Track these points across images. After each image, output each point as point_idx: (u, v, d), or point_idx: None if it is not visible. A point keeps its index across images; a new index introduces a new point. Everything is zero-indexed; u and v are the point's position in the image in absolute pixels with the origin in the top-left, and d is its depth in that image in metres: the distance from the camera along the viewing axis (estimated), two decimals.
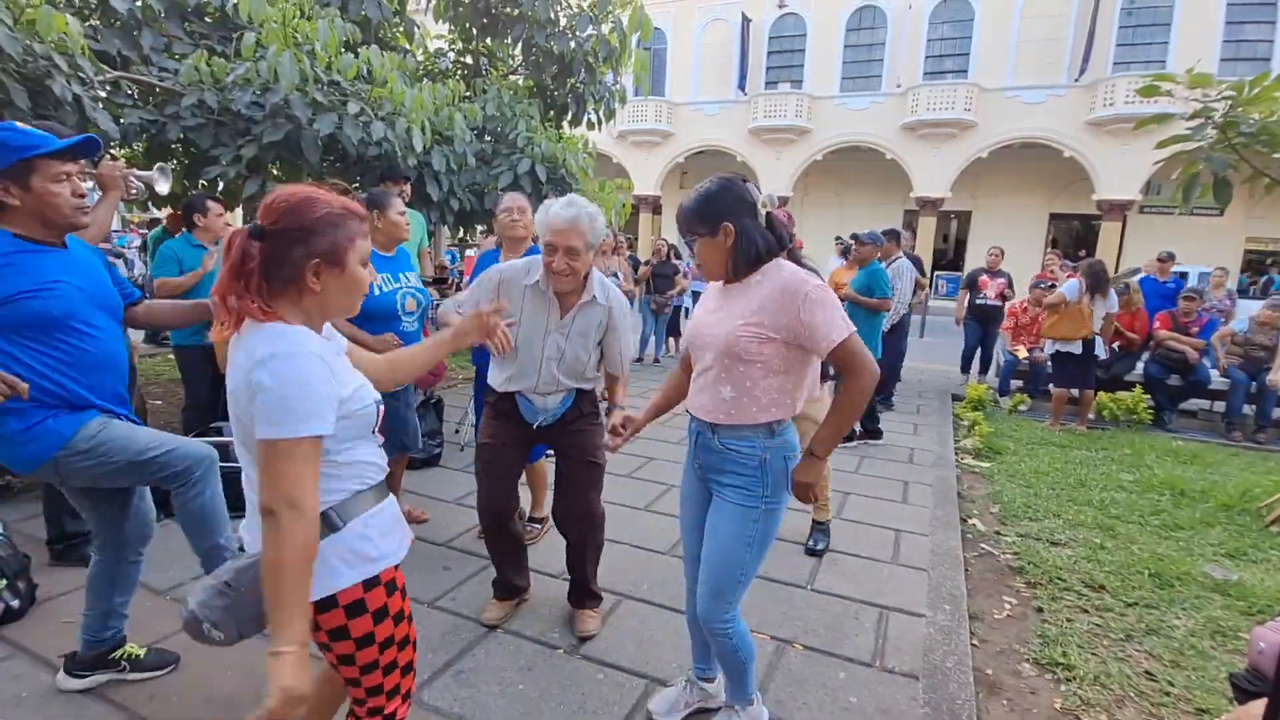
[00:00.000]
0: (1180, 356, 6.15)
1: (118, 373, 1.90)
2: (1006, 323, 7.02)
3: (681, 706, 2.01)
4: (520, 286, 2.21)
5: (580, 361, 2.28)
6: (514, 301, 2.20)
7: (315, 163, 4.06)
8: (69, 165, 1.75)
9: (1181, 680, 2.29)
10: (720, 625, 1.75)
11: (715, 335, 1.67)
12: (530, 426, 2.34)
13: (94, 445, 1.79)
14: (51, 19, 2.97)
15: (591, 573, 2.48)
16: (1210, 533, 3.61)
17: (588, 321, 2.25)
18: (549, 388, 2.28)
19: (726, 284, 1.74)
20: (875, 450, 4.96)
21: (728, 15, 20.43)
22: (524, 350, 2.24)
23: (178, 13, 4.55)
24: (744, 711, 1.91)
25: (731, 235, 1.64)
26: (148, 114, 4.05)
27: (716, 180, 1.69)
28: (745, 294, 1.67)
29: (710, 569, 1.74)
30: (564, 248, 2.06)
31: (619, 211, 6.34)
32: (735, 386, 1.67)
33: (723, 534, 1.72)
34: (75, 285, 1.78)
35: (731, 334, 1.63)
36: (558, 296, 2.20)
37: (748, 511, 1.69)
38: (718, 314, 1.71)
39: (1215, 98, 2.63)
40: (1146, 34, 16.83)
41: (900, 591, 2.83)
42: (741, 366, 1.64)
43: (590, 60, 6.27)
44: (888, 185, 20.04)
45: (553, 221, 2.07)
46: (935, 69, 18.86)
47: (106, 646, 2.02)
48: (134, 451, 1.84)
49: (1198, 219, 17.51)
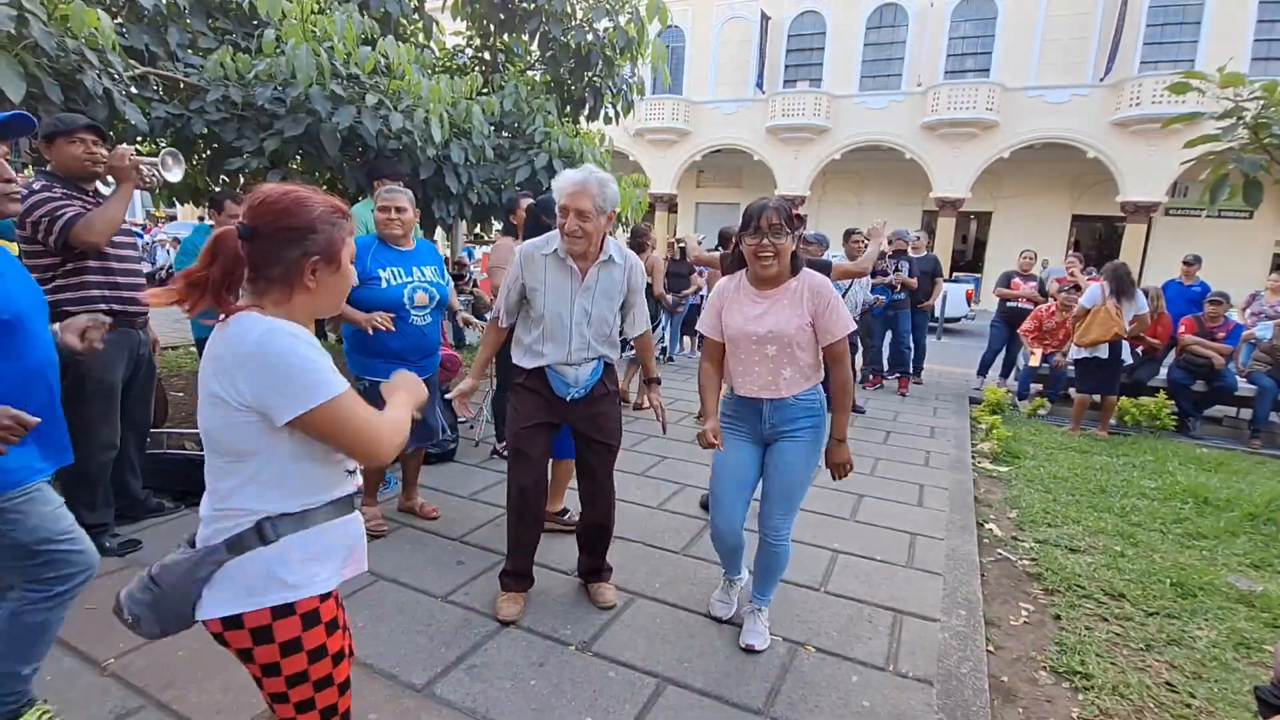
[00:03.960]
0: (1205, 362, 6.02)
1: (46, 388, 1.67)
2: (1028, 325, 6.92)
3: (733, 602, 2.54)
4: (540, 258, 2.33)
5: (606, 322, 2.42)
6: (536, 274, 2.33)
7: (335, 155, 4.10)
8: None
9: (1203, 692, 2.25)
10: (785, 534, 2.29)
11: (783, 332, 2.14)
12: (562, 400, 2.41)
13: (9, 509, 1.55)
14: (84, 15, 3.03)
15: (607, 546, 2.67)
16: (1235, 542, 3.53)
17: (610, 281, 2.38)
18: (580, 355, 2.38)
19: (761, 289, 2.21)
20: (891, 453, 4.91)
21: (746, 13, 20.33)
22: (552, 319, 2.33)
23: (203, 9, 4.62)
24: (765, 610, 2.42)
25: (795, 242, 2.16)
26: (174, 109, 4.11)
27: (785, 199, 2.24)
28: (789, 297, 2.17)
29: (783, 495, 2.27)
30: (574, 209, 2.19)
31: (635, 207, 6.33)
32: (793, 367, 2.19)
33: (797, 466, 2.25)
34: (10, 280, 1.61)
35: (795, 330, 2.14)
36: (575, 260, 2.30)
37: (815, 445, 2.27)
38: (772, 316, 2.17)
39: (1247, 97, 2.57)
40: (1175, 33, 16.51)
41: (915, 596, 2.80)
42: (799, 351, 2.17)
43: (608, 52, 6.26)
44: (907, 185, 19.85)
45: (563, 185, 2.21)
46: (957, 68, 18.64)
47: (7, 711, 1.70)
48: (43, 534, 1.60)
49: (1225, 221, 17.17)
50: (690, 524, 3.42)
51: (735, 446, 2.30)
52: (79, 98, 3.10)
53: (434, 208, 5.08)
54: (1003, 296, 7.44)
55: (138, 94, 3.89)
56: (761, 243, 2.10)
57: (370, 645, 2.25)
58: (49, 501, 1.64)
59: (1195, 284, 7.41)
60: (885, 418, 6.01)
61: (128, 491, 3.06)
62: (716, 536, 2.42)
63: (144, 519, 3.10)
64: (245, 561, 1.13)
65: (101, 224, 2.52)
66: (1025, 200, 19.44)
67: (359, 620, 2.39)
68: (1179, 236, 17.02)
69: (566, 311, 2.33)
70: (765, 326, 2.16)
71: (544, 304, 2.32)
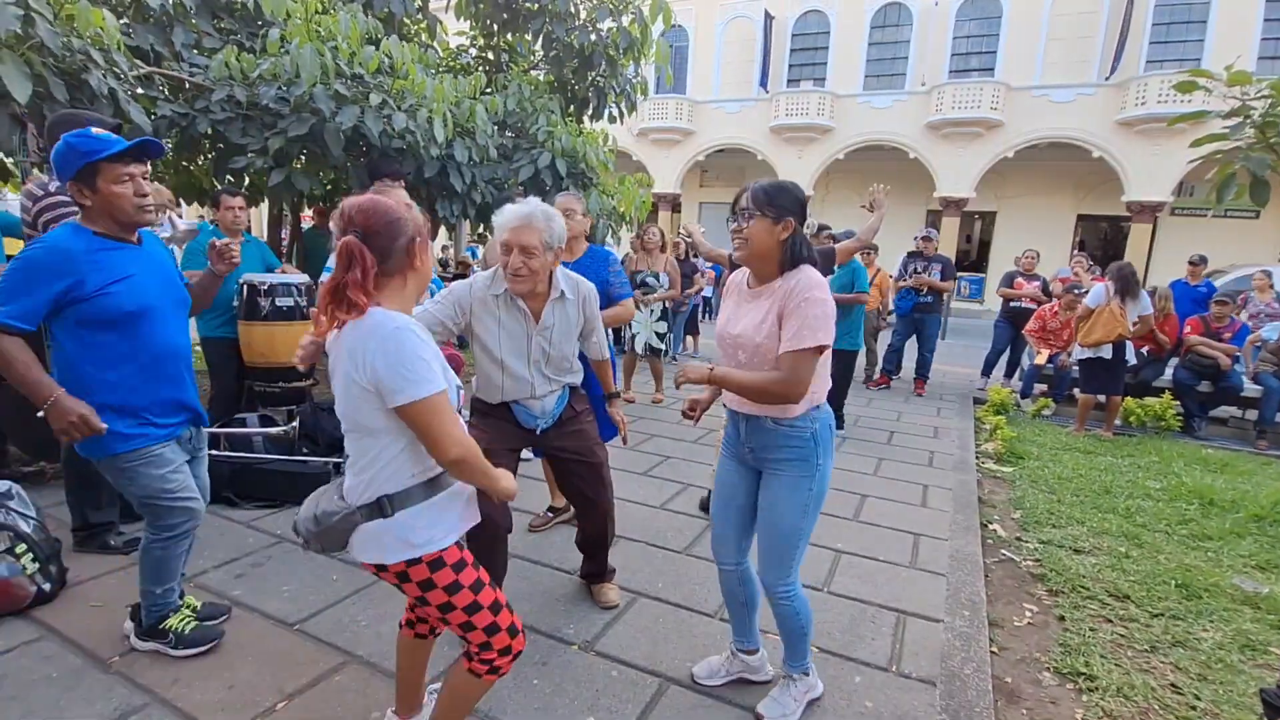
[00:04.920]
0: (1211, 362, 5.99)
1: (176, 371, 2.05)
2: (1032, 325, 6.89)
3: (722, 674, 2.14)
4: (492, 299, 2.16)
5: (567, 359, 2.31)
6: (490, 315, 2.17)
7: (339, 155, 4.11)
8: (132, 167, 1.87)
9: (1209, 694, 2.24)
10: (783, 590, 1.91)
11: (747, 339, 1.81)
12: (530, 431, 2.32)
13: (126, 468, 1.97)
14: (89, 14, 3.04)
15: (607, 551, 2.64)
16: (1240, 544, 3.51)
17: (566, 319, 2.26)
18: (545, 389, 2.27)
19: (755, 285, 1.87)
20: (894, 453, 4.90)
21: (750, 12, 20.28)
22: (512, 361, 2.19)
23: (208, 9, 4.64)
24: (800, 681, 2.02)
25: (789, 230, 1.77)
26: (179, 108, 4.12)
27: (790, 183, 1.84)
28: (770, 297, 1.79)
29: (773, 538, 1.89)
30: (518, 245, 2.02)
31: (639, 207, 6.33)
32: None
33: (781, 506, 1.86)
34: (147, 279, 1.96)
35: (761, 338, 1.78)
36: (524, 301, 2.16)
37: (802, 481, 1.85)
38: (747, 319, 1.83)
39: (1254, 96, 2.55)
40: (1181, 31, 16.40)
41: (918, 596, 2.79)
42: (771, 362, 1.77)
43: (611, 53, 6.26)
44: (911, 185, 19.77)
45: (506, 220, 2.05)
46: (961, 67, 18.56)
47: (154, 617, 2.14)
48: (150, 490, 2.01)
49: (1231, 221, 17.06)
50: (693, 524, 3.42)
51: (724, 461, 2.06)
52: (84, 97, 3.11)
53: (438, 207, 5.09)
54: (1006, 297, 7.42)
55: (143, 94, 3.90)
56: (732, 226, 1.84)
57: (373, 644, 2.25)
58: (164, 464, 2.01)
59: (1201, 284, 7.38)
60: (889, 418, 5.99)
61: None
62: (716, 563, 2.14)
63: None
64: (374, 527, 1.43)
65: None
66: (1030, 200, 19.35)
67: (361, 619, 2.40)
68: (1185, 236, 16.93)
69: (523, 355, 2.20)
70: (736, 328, 1.87)
71: (499, 349, 2.18)
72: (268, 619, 2.38)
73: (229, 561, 2.79)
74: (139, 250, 1.98)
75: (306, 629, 2.33)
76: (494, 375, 2.24)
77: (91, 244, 1.85)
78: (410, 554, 1.43)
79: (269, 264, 4.15)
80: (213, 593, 2.54)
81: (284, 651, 2.20)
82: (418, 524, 1.44)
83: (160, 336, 1.99)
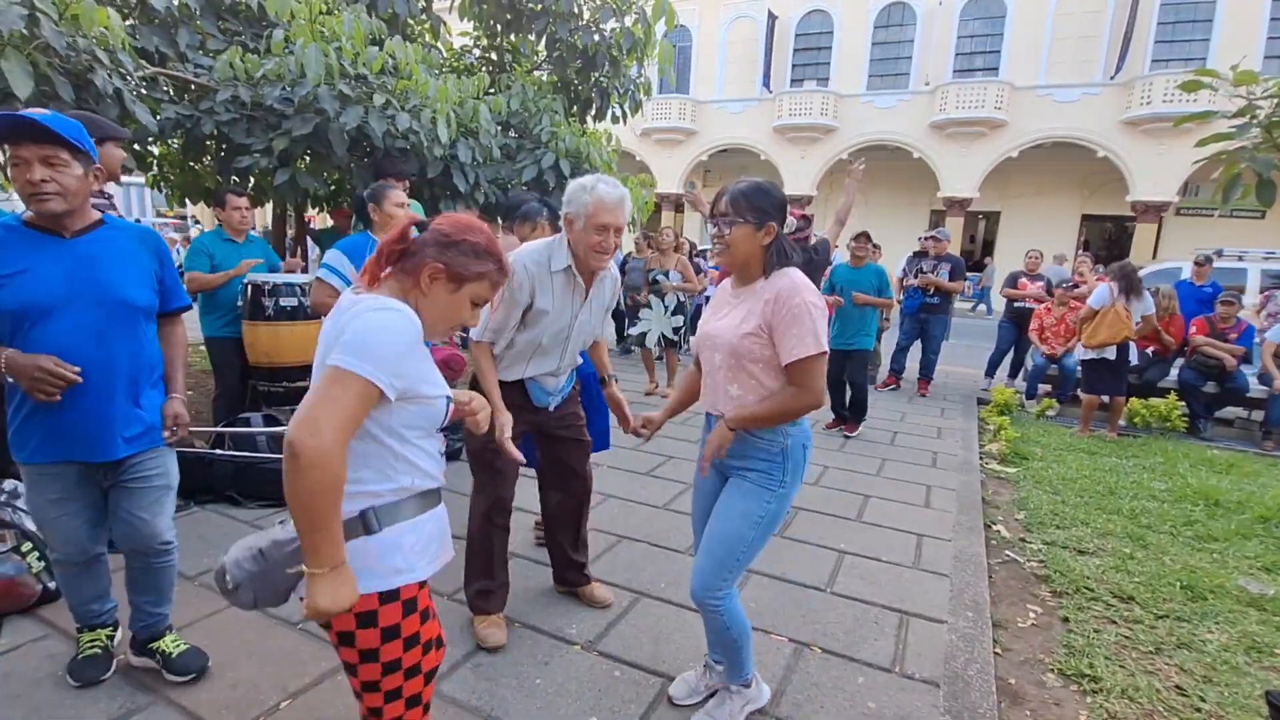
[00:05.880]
0: (1217, 363, 5.97)
1: (84, 384, 1.74)
2: (1034, 325, 6.87)
3: (701, 690, 2.07)
4: (549, 276, 2.16)
5: (595, 333, 2.39)
6: (545, 291, 2.15)
7: (342, 155, 4.12)
8: (21, 150, 1.65)
9: (1214, 696, 2.23)
10: (713, 600, 1.80)
11: (722, 338, 1.77)
12: (539, 410, 2.38)
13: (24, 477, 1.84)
14: (94, 14, 3.05)
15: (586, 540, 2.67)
16: (1246, 545, 3.50)
17: (603, 293, 2.34)
18: (568, 365, 2.36)
19: (736, 287, 1.85)
20: (898, 453, 4.89)
21: (753, 12, 20.28)
22: (552, 337, 2.23)
23: (213, 10, 4.65)
24: (740, 693, 1.96)
25: (772, 235, 1.74)
26: (183, 109, 4.14)
27: (769, 183, 1.77)
28: (752, 298, 1.75)
29: (714, 541, 1.79)
30: (615, 227, 2.07)
31: (642, 208, 6.33)
32: (741, 385, 1.77)
33: (734, 510, 1.78)
34: (48, 274, 1.70)
35: (736, 338, 1.73)
36: (582, 275, 2.20)
37: (762, 492, 1.77)
38: (727, 318, 1.80)
39: (1260, 96, 2.54)
40: (1186, 31, 16.36)
41: (922, 597, 2.79)
42: (747, 366, 1.74)
43: (614, 53, 6.27)
44: (914, 184, 19.76)
45: (607, 201, 2.04)
46: (965, 66, 18.54)
47: (145, 635, 2.05)
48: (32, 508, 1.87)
49: (1237, 221, 17.00)
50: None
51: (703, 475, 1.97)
52: (89, 97, 3.12)
53: (441, 207, 5.09)
54: (1010, 297, 7.39)
55: (148, 94, 3.91)
56: (713, 232, 1.78)
57: None
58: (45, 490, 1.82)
59: (1207, 284, 7.34)
60: (892, 418, 5.98)
61: None
62: None
63: None
64: (353, 547, 1.16)
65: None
66: (1034, 200, 19.31)
67: None
68: (1190, 236, 16.85)
69: (567, 328, 2.23)
70: (713, 329, 1.82)
71: (548, 323, 2.18)
72: (271, 618, 2.39)
73: None
74: (61, 244, 1.74)
75: (310, 628, 2.33)
76: (525, 350, 2.24)
77: (9, 235, 1.70)
78: (389, 582, 1.19)
79: (272, 264, 4.17)
80: (217, 591, 2.54)
81: (287, 650, 2.21)
82: (405, 542, 1.22)
83: (57, 341, 1.70)
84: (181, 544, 2.20)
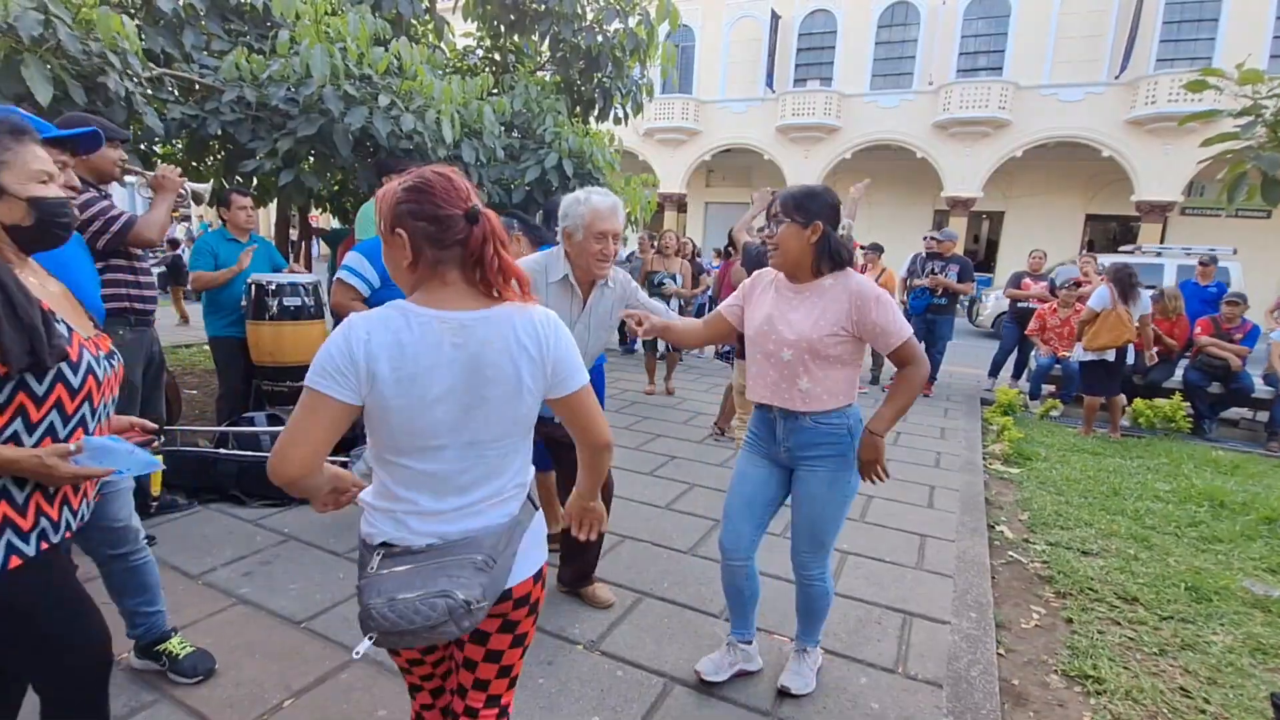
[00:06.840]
0: (1222, 363, 5.94)
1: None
2: (1032, 325, 6.85)
3: (726, 667, 2.15)
4: (544, 285, 2.20)
5: (600, 344, 2.37)
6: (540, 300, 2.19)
7: (347, 155, 4.13)
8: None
9: (1218, 698, 2.22)
10: (819, 574, 2.05)
11: (800, 334, 1.88)
12: (546, 421, 2.34)
13: None
14: (109, 20, 3.08)
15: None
16: (1251, 546, 3.48)
17: (604, 305, 2.33)
18: None
19: (795, 283, 1.95)
20: (901, 454, 4.89)
21: (756, 12, 20.25)
22: None
23: (218, 11, 4.67)
24: (814, 652, 2.20)
25: (818, 233, 1.87)
26: (189, 110, 4.15)
27: (821, 186, 1.96)
28: (821, 296, 1.89)
29: (813, 530, 2.01)
30: (613, 233, 2.14)
31: (644, 208, 6.33)
32: (811, 378, 1.90)
33: (823, 499, 1.97)
34: None
35: (817, 336, 1.86)
36: (580, 286, 2.25)
37: (841, 475, 1.96)
38: (797, 313, 1.91)
39: (1265, 95, 2.54)
40: (1191, 30, 16.29)
41: (925, 597, 2.78)
42: (820, 362, 1.88)
43: (617, 54, 6.28)
44: (918, 184, 19.71)
45: (602, 210, 2.13)
46: (969, 66, 18.49)
47: (148, 639, 2.02)
48: None
49: (1243, 221, 16.92)
50: (699, 524, 3.42)
51: (750, 459, 2.09)
52: (100, 99, 3.14)
53: None
54: (1013, 298, 7.37)
55: (153, 95, 3.93)
56: (765, 232, 1.97)
57: None
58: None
59: (1212, 284, 7.31)
60: None
61: (140, 488, 3.10)
62: (722, 558, 2.12)
63: (157, 515, 3.14)
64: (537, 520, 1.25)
65: (160, 224, 2.75)
66: (1038, 200, 19.24)
67: None
68: (1195, 236, 16.77)
69: None
70: (784, 327, 1.90)
71: None
72: (275, 616, 2.40)
73: (236, 560, 2.80)
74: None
75: (313, 627, 2.34)
76: None
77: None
78: (544, 555, 1.27)
79: (276, 264, 4.18)
80: (220, 590, 2.55)
81: (291, 649, 2.21)
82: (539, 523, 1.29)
83: None
84: (184, 543, 2.22)
